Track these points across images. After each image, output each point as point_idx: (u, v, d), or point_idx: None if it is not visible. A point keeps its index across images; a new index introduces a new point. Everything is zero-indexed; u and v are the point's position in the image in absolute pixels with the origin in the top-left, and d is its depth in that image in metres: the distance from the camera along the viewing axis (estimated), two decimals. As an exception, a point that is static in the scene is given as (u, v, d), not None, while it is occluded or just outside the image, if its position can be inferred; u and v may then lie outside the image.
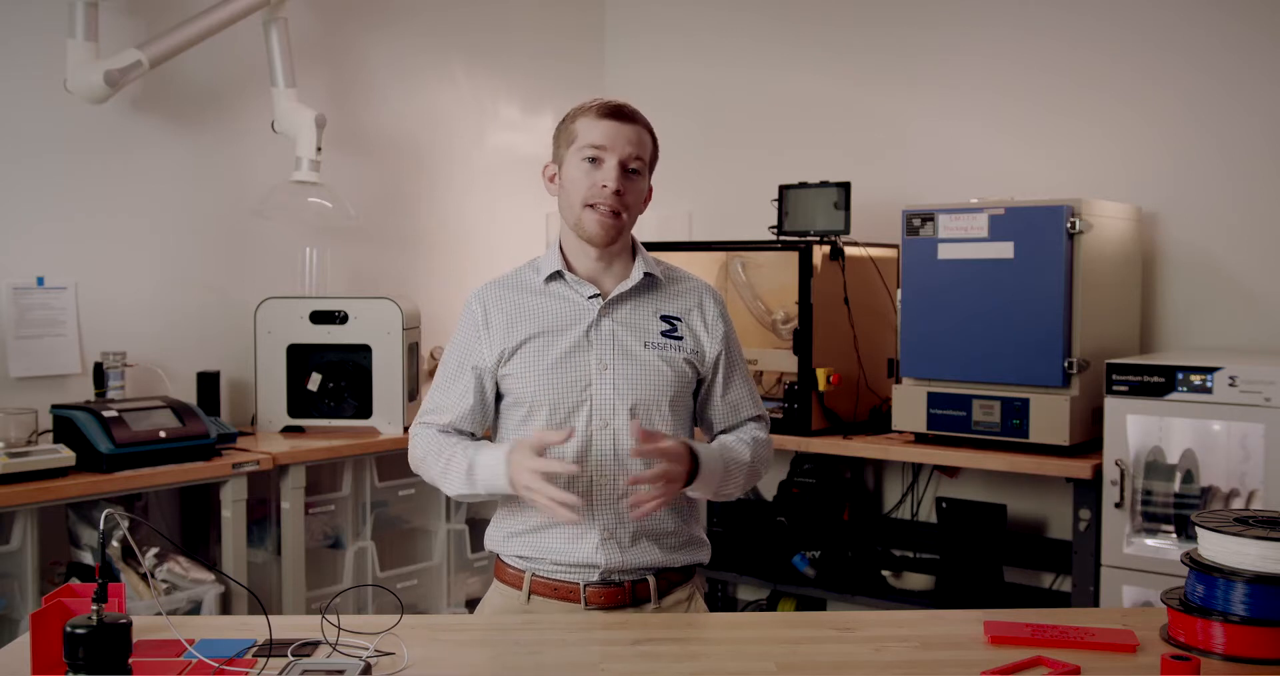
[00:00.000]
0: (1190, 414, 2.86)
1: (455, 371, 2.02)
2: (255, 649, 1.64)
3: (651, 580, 1.96)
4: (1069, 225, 3.01)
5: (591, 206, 1.93)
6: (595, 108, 1.95)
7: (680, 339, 2.00)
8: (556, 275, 1.99)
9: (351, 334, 3.40)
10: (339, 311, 3.40)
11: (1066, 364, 3.03)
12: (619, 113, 1.94)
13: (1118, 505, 2.92)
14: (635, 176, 1.95)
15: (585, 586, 1.93)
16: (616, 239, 1.97)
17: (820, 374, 3.45)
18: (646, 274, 2.00)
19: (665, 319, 2.00)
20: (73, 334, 3.17)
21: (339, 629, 1.64)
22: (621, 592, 1.94)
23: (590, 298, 1.97)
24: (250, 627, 1.75)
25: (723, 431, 2.09)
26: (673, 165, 2.18)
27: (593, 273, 2.00)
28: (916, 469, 3.79)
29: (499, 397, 2.02)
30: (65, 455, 2.74)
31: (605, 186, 1.91)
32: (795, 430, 3.47)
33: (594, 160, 1.92)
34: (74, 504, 2.82)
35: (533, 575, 1.96)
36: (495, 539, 2.02)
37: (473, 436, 2.04)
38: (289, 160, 3.46)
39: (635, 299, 2.00)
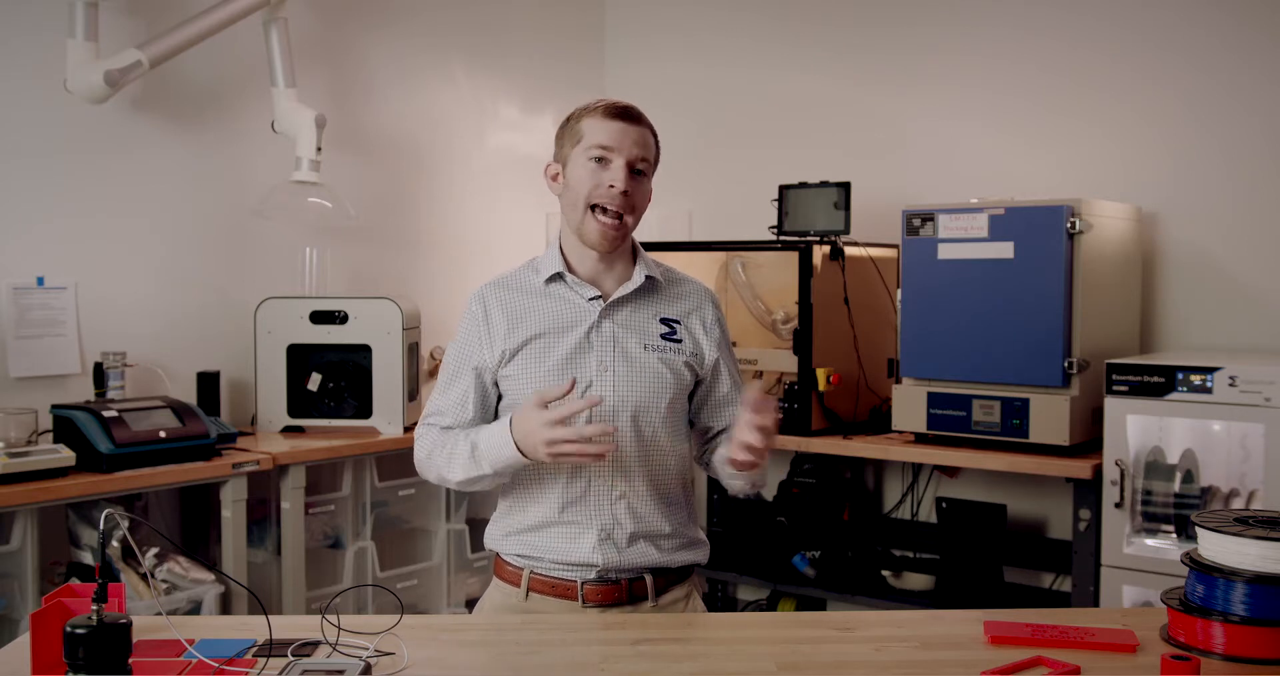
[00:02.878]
0: (1190, 414, 2.86)
1: (455, 372, 2.02)
2: (255, 649, 1.64)
3: (649, 579, 1.97)
4: (1069, 225, 3.01)
5: (597, 207, 1.92)
6: (602, 108, 1.94)
7: (680, 342, 2.00)
8: (557, 276, 1.98)
9: (351, 334, 3.40)
10: (339, 311, 3.40)
11: (1066, 364, 3.03)
12: (626, 114, 1.94)
13: (1118, 505, 2.92)
14: (640, 178, 1.95)
15: (583, 584, 1.94)
16: (620, 244, 1.96)
17: (820, 374, 3.45)
18: (647, 277, 2.00)
19: (665, 322, 2.00)
20: (73, 334, 3.17)
21: (339, 629, 1.64)
22: (618, 590, 1.95)
23: (591, 299, 1.97)
24: (250, 627, 1.75)
25: (719, 432, 2.08)
26: (673, 165, 2.18)
27: (593, 274, 1.99)
28: (916, 469, 3.79)
29: (499, 398, 2.02)
30: (65, 455, 2.74)
31: (613, 187, 1.90)
32: (795, 430, 3.47)
33: (601, 160, 1.92)
34: (74, 504, 2.82)
35: (531, 573, 1.96)
36: (495, 537, 2.03)
37: None
38: (289, 160, 3.46)
39: (636, 301, 2.00)
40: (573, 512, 1.94)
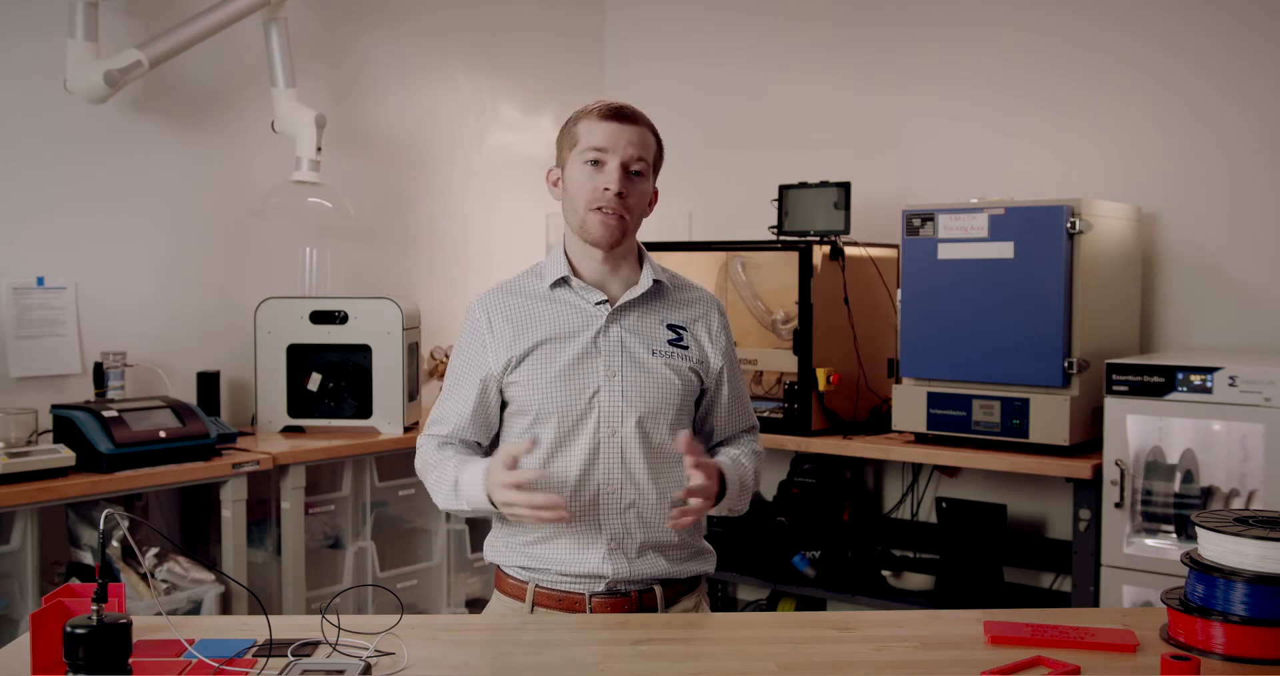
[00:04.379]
0: (1190, 414, 2.86)
1: (458, 381, 2.00)
2: (255, 649, 1.64)
3: (658, 590, 1.94)
4: (1069, 225, 3.01)
5: (595, 210, 1.91)
6: (597, 110, 1.92)
7: (686, 348, 1.99)
8: (562, 281, 1.97)
9: (351, 334, 3.40)
10: (339, 311, 3.40)
11: (1066, 364, 3.03)
12: (620, 114, 1.92)
13: (1118, 505, 2.92)
14: (638, 178, 1.93)
15: (591, 596, 1.91)
16: (621, 241, 1.94)
17: (820, 374, 3.45)
18: (655, 281, 1.98)
19: (671, 327, 1.99)
20: (73, 334, 3.17)
21: (339, 629, 1.64)
22: (628, 603, 1.92)
23: (598, 304, 1.95)
24: (250, 627, 1.75)
25: (720, 442, 2.08)
26: (673, 165, 2.17)
27: (599, 277, 1.98)
28: (916, 469, 3.79)
29: (504, 405, 1.99)
30: (65, 455, 2.74)
31: (607, 189, 1.89)
32: (795, 430, 3.47)
33: (596, 163, 1.90)
34: (74, 504, 2.82)
35: (536, 586, 1.94)
36: (496, 549, 2.00)
37: (479, 445, 2.01)
38: (289, 160, 3.46)
39: (643, 306, 1.98)
40: (580, 522, 1.91)
